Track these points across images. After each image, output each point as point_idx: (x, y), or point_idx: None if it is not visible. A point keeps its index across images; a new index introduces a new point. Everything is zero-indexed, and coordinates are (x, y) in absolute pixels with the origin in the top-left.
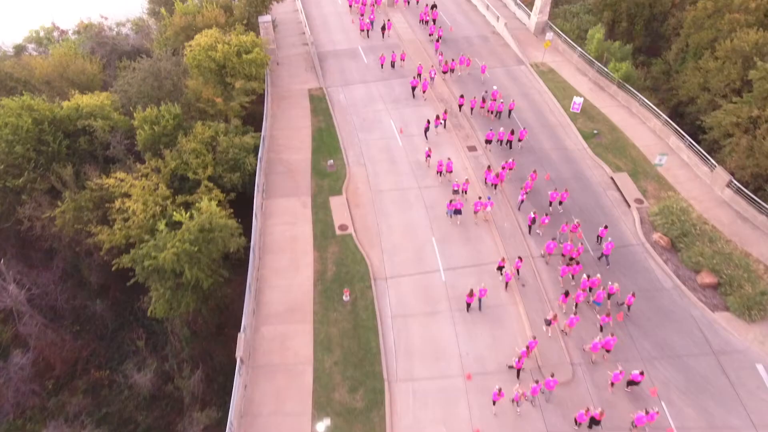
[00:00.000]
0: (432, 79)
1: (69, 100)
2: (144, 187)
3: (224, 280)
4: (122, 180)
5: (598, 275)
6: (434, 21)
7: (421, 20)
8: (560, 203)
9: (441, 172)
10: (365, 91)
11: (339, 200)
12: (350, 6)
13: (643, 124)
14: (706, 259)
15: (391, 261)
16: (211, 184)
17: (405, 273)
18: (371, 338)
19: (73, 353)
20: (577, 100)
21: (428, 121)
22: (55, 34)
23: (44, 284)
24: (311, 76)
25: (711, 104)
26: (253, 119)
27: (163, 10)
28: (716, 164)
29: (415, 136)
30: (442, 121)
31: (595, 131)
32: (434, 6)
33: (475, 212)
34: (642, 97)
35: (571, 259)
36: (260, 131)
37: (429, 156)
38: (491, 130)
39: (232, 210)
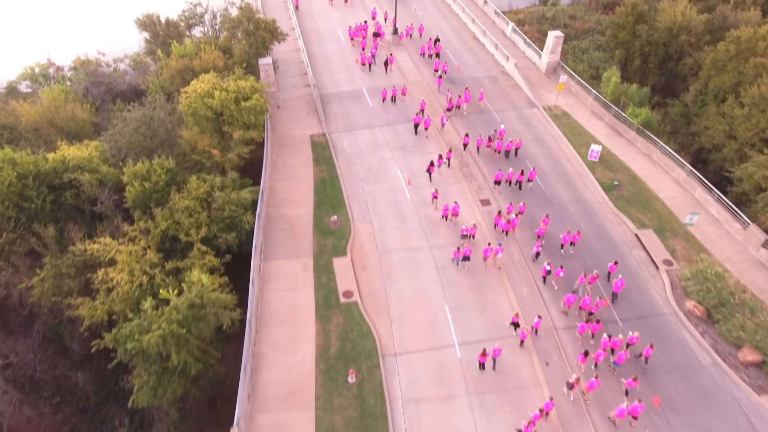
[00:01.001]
0: (443, 126)
1: (56, 151)
2: (131, 252)
3: (216, 360)
4: (107, 245)
5: (620, 335)
6: (437, 55)
7: (422, 54)
8: (572, 244)
9: (447, 217)
10: (370, 137)
11: (343, 262)
12: (351, 39)
13: (666, 173)
14: (748, 334)
15: (400, 333)
16: (204, 248)
17: (416, 348)
18: (380, 428)
19: (52, 429)
20: (595, 148)
21: (431, 162)
22: (51, 70)
23: (23, 352)
24: (313, 121)
25: (738, 153)
26: (252, 166)
27: (159, 51)
28: (749, 221)
29: (424, 187)
30: (446, 161)
31: (616, 182)
32: (437, 40)
33: (485, 259)
34: (663, 145)
35: (590, 314)
36: (259, 181)
37: (436, 197)
38: (500, 170)
39: (226, 277)
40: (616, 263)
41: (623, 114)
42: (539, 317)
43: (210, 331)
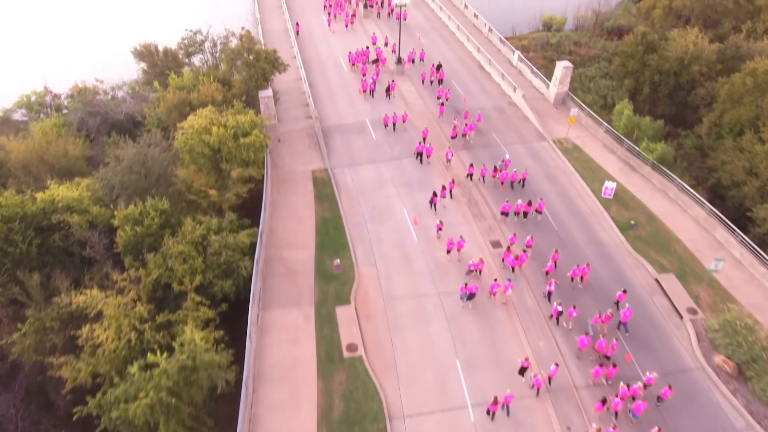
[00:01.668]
0: (448, 161)
1: (45, 191)
2: (119, 305)
3: (209, 429)
4: (94, 297)
5: (639, 383)
6: (440, 82)
7: (423, 80)
8: (581, 278)
9: (450, 251)
10: (374, 172)
11: (347, 311)
12: (352, 65)
13: (685, 212)
14: None
15: (408, 393)
16: (198, 298)
17: (426, 410)
18: None
19: None
20: (609, 185)
21: (434, 193)
22: (48, 98)
23: (4, 407)
24: (315, 155)
25: (760, 191)
26: (251, 202)
27: (156, 83)
28: None
29: (431, 227)
30: (449, 191)
31: (632, 222)
32: (439, 66)
33: (492, 294)
34: (681, 181)
35: (606, 357)
36: (258, 220)
37: (440, 229)
38: (507, 201)
39: (222, 331)
40: (624, 291)
41: (637, 148)
42: (556, 365)
43: (202, 396)
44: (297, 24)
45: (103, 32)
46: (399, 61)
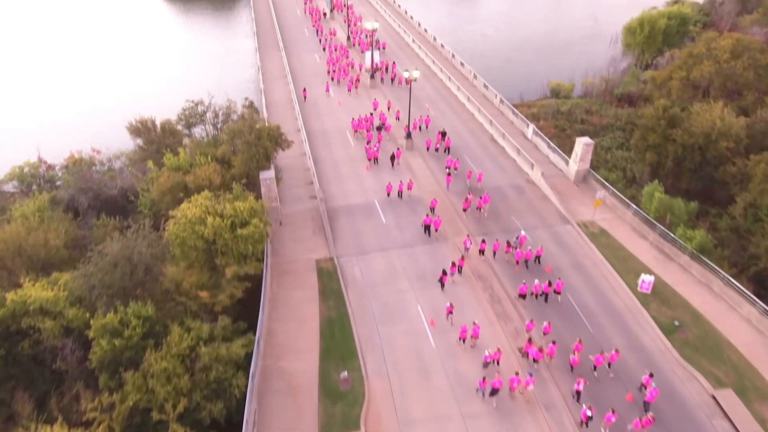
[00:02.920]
0: (467, 249)
1: (17, 290)
2: None
3: None
4: None
5: None
6: (447, 150)
7: (428, 147)
8: (609, 365)
9: (464, 339)
10: (385, 262)
11: None
12: (355, 131)
13: (734, 310)
14: None
15: None
16: (182, 429)
17: None
18: None
19: None
20: (646, 279)
21: (444, 271)
22: (41, 169)
23: None
24: (320, 241)
25: None
26: (249, 297)
27: (150, 163)
28: None
29: (450, 331)
30: (458, 268)
31: (677, 323)
32: (444, 133)
33: (512, 389)
34: (726, 275)
35: None
36: (255, 321)
37: (451, 312)
38: (524, 282)
39: None
40: (651, 375)
41: (672, 234)
42: None
43: None
44: (305, 90)
45: (104, 100)
46: (409, 135)
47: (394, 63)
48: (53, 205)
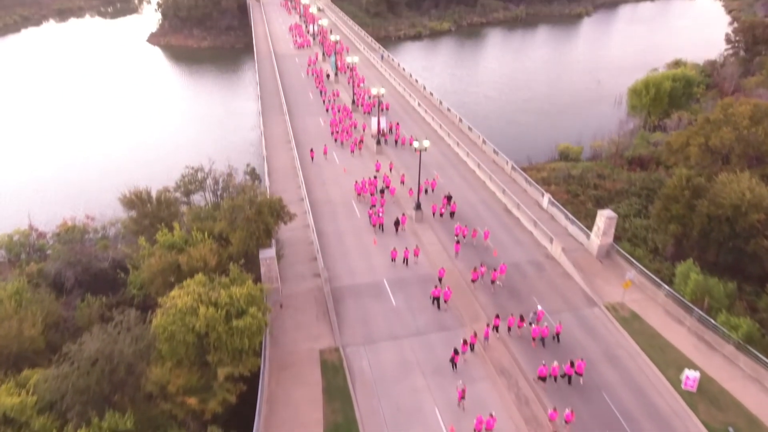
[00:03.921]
0: (486, 339)
1: None
2: None
3: None
4: None
5: None
6: (452, 215)
7: (434, 212)
8: None
9: (480, 431)
10: (396, 352)
11: None
12: (358, 194)
13: None
14: None
15: None
16: None
17: None
18: None
19: None
20: (691, 375)
21: (455, 350)
22: (32, 237)
23: None
24: (324, 328)
25: None
26: (243, 398)
27: (142, 239)
28: None
29: (463, 419)
30: (470, 346)
31: (730, 429)
32: (450, 197)
33: None
34: None
35: None
36: (250, 428)
37: (463, 397)
38: (544, 363)
39: None
40: None
41: (712, 321)
42: None
43: None
44: (311, 150)
45: (102, 162)
46: (418, 206)
47: (398, 124)
48: (40, 278)
